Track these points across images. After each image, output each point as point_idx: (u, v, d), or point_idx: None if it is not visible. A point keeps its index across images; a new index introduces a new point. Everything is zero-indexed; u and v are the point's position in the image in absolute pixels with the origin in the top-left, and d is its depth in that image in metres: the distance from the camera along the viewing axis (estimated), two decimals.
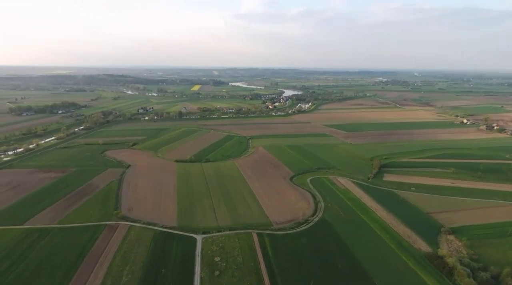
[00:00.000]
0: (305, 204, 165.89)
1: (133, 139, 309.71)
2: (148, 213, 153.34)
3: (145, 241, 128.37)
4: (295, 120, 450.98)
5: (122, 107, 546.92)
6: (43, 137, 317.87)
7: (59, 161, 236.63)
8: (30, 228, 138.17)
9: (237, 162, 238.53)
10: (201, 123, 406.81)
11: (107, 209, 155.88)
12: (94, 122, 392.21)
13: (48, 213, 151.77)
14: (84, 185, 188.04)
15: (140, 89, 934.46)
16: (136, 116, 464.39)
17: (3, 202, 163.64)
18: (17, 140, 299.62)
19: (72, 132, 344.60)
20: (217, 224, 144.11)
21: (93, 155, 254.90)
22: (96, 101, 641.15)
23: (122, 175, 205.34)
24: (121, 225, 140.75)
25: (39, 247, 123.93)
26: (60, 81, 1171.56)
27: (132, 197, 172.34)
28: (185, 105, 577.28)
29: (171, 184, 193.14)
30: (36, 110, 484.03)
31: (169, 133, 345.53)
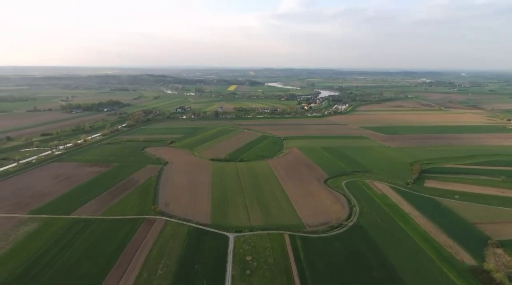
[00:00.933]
0: (339, 207, 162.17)
1: (171, 137, 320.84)
2: (184, 209, 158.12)
3: (180, 236, 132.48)
4: (331, 121, 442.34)
5: (161, 106, 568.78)
6: (90, 133, 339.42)
7: (103, 156, 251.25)
8: (76, 218, 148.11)
9: (271, 163, 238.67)
10: (236, 123, 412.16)
11: (146, 204, 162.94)
12: (135, 120, 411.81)
13: (92, 205, 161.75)
14: (125, 180, 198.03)
15: (179, 89, 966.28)
16: (175, 115, 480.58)
17: (55, 192, 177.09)
18: (67, 136, 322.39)
19: (116, 129, 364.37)
20: (249, 223, 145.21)
21: (134, 151, 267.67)
22: (138, 100, 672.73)
23: (160, 172, 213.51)
24: (158, 220, 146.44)
25: (84, 237, 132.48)
26: (106, 80, 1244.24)
27: (169, 193, 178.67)
28: (221, 104, 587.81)
29: (206, 182, 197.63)
30: (84, 108, 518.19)
31: (205, 132, 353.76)
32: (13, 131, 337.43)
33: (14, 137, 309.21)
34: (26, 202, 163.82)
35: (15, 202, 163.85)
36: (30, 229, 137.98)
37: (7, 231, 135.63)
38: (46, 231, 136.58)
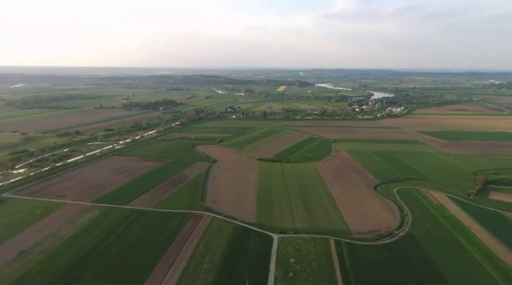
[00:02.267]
0: (390, 216, 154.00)
1: (220, 136, 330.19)
2: (230, 207, 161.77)
3: (225, 233, 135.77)
4: (384, 124, 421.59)
5: (212, 106, 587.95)
6: (146, 130, 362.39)
7: (157, 152, 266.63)
8: (131, 208, 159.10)
9: (318, 165, 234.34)
10: (284, 124, 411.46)
11: (194, 199, 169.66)
12: (188, 119, 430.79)
13: (146, 197, 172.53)
14: (176, 175, 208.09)
15: (229, 89, 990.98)
16: (224, 114, 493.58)
17: (114, 183, 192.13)
18: (126, 132, 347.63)
19: (170, 127, 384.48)
20: (294, 225, 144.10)
21: (185, 148, 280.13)
22: (191, 99, 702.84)
23: (209, 169, 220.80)
24: (205, 216, 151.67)
25: (137, 227, 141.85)
26: (162, 80, 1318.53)
27: (216, 191, 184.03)
28: (270, 105, 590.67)
29: (252, 181, 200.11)
30: (142, 106, 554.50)
31: (253, 132, 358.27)
32: (81, 126, 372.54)
33: (82, 132, 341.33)
34: (90, 192, 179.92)
35: (81, 191, 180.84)
36: (92, 216, 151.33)
37: (74, 216, 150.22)
38: (106, 218, 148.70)
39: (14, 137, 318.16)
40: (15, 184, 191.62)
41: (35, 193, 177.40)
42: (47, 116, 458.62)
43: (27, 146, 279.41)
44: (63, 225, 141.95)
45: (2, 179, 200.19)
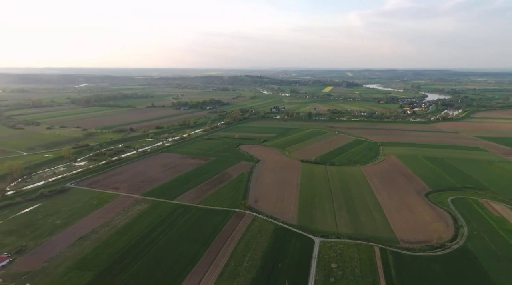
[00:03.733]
0: (442, 226, 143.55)
1: (264, 136, 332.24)
2: (271, 207, 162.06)
3: (266, 233, 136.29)
4: (438, 128, 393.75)
5: (257, 106, 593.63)
6: (193, 129, 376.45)
7: (203, 150, 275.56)
8: (178, 203, 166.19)
9: (364, 169, 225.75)
10: (329, 125, 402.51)
11: (237, 198, 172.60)
12: (233, 118, 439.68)
13: (192, 193, 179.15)
14: (220, 173, 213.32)
15: (275, 90, 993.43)
16: (269, 114, 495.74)
17: (163, 178, 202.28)
18: (175, 130, 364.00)
19: (215, 126, 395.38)
20: (336, 229, 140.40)
21: (230, 147, 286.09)
22: (237, 99, 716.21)
23: (252, 169, 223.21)
24: (247, 215, 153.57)
25: (182, 221, 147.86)
26: (210, 81, 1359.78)
27: (259, 190, 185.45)
28: (315, 106, 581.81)
29: (294, 182, 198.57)
30: (190, 105, 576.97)
31: (297, 133, 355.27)
32: (135, 123, 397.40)
33: (135, 129, 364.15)
34: (141, 185, 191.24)
35: (132, 184, 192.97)
36: (142, 208, 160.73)
37: (126, 207, 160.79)
38: (154, 211, 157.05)
39: (77, 132, 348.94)
40: (76, 175, 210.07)
41: (93, 184, 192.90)
42: (105, 114, 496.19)
43: (88, 141, 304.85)
44: (116, 215, 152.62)
45: (66, 170, 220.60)
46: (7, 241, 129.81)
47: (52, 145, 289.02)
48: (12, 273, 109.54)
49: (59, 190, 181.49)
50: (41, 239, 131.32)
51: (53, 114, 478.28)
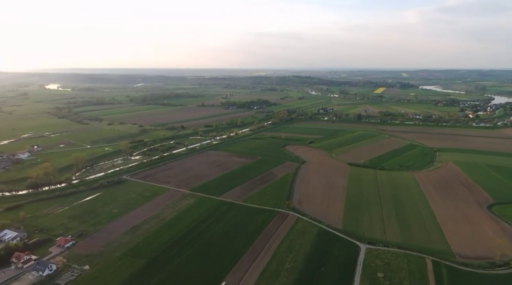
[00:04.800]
0: (507, 242, 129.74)
1: (311, 137, 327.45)
2: (316, 209, 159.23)
3: (310, 235, 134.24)
4: (506, 134, 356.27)
5: (304, 107, 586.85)
6: (240, 128, 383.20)
7: (249, 149, 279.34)
8: (223, 200, 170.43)
9: (418, 175, 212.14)
10: (380, 128, 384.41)
11: (281, 198, 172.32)
12: (280, 118, 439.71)
13: (237, 191, 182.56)
14: (265, 173, 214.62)
15: (323, 90, 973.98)
16: (316, 115, 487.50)
17: (209, 175, 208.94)
18: (223, 128, 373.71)
19: (262, 126, 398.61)
20: (384, 237, 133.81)
21: (276, 147, 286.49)
22: (284, 99, 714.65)
23: (297, 170, 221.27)
24: (290, 215, 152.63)
25: (227, 218, 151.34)
26: (258, 81, 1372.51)
27: (303, 191, 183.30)
28: (366, 107, 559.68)
29: (341, 185, 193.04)
30: (238, 105, 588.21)
31: (346, 135, 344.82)
32: (185, 121, 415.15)
33: (186, 127, 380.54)
34: (189, 181, 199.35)
35: (181, 179, 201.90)
36: (189, 203, 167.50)
37: (174, 201, 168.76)
38: (200, 207, 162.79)
39: (133, 128, 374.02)
40: (132, 168, 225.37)
41: (146, 178, 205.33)
42: (159, 112, 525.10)
43: (143, 137, 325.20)
44: (165, 208, 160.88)
45: (123, 163, 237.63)
46: (71, 225, 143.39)
47: (112, 139, 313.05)
48: (74, 255, 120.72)
49: (116, 181, 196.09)
50: (100, 226, 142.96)
51: (114, 111, 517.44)
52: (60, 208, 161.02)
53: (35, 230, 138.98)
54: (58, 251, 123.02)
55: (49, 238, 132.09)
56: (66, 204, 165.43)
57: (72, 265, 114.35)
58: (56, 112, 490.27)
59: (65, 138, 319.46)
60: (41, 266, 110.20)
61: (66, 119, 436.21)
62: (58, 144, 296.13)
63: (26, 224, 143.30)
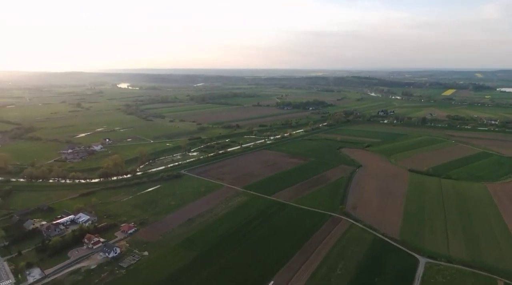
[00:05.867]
0: None
1: (368, 140, 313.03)
2: (371, 216, 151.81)
3: (364, 243, 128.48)
4: None
5: (363, 108, 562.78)
6: (294, 128, 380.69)
7: (303, 150, 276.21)
8: (274, 200, 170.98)
9: (491, 187, 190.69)
10: (448, 133, 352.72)
11: (334, 202, 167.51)
12: (336, 120, 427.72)
13: (288, 192, 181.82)
14: (318, 175, 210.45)
15: (384, 92, 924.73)
16: (375, 118, 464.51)
17: (262, 175, 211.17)
18: (277, 128, 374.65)
19: (317, 127, 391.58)
20: (447, 252, 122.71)
21: (330, 150, 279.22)
22: (341, 101, 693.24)
23: (352, 174, 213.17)
24: (343, 220, 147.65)
25: (278, 217, 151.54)
26: (315, 81, 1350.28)
27: (358, 197, 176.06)
28: (431, 111, 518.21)
29: (400, 193, 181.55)
30: (294, 105, 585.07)
31: (407, 140, 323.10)
32: (241, 121, 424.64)
33: (241, 126, 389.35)
34: (242, 179, 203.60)
35: (235, 177, 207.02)
36: (242, 200, 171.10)
37: (227, 198, 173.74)
38: (252, 205, 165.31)
39: (192, 126, 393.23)
40: (189, 164, 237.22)
41: (202, 173, 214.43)
42: (217, 110, 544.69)
43: (200, 134, 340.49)
44: (219, 203, 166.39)
45: (181, 159, 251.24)
46: (134, 213, 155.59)
47: (172, 136, 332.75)
48: (136, 241, 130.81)
49: (175, 175, 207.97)
50: (159, 216, 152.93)
51: (175, 109, 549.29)
52: (125, 197, 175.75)
53: (104, 215, 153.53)
54: (122, 236, 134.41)
55: (115, 223, 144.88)
56: (130, 194, 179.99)
57: (134, 250, 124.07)
58: (126, 109, 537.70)
59: (132, 133, 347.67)
60: (108, 248, 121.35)
61: (133, 116, 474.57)
62: (126, 138, 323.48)
63: (97, 209, 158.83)
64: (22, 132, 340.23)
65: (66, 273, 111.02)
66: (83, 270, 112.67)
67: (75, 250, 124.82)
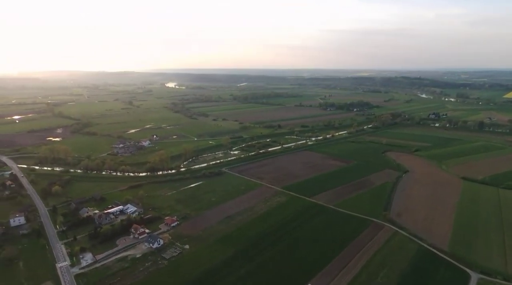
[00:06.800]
0: None
1: (416, 144, 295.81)
2: (417, 225, 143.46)
3: (408, 252, 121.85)
4: None
5: (412, 111, 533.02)
6: (337, 130, 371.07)
7: (345, 152, 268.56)
8: (314, 202, 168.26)
9: None
10: (509, 139, 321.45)
11: (376, 207, 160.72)
12: (381, 122, 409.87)
13: (329, 194, 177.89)
14: (361, 179, 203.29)
15: (436, 93, 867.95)
16: (426, 121, 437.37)
17: (302, 176, 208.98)
18: (319, 130, 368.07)
19: (361, 129, 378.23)
20: (505, 269, 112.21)
21: (375, 153, 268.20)
22: (388, 102, 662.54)
23: (398, 179, 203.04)
24: (386, 227, 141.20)
25: (316, 220, 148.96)
26: (360, 82, 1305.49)
27: (404, 203, 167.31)
28: (490, 114, 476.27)
29: (451, 202, 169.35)
30: (337, 106, 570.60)
31: (461, 145, 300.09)
32: (282, 121, 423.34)
33: (282, 126, 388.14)
34: (282, 179, 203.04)
35: (274, 177, 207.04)
36: (281, 200, 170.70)
37: (267, 197, 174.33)
38: (291, 206, 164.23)
39: (234, 125, 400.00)
40: (230, 162, 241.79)
41: (242, 172, 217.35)
42: (258, 110, 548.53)
43: (242, 133, 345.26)
44: (258, 202, 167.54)
45: (223, 157, 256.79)
46: (177, 207, 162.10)
47: (215, 134, 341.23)
48: (178, 234, 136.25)
49: (216, 173, 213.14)
50: (200, 211, 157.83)
51: (218, 108, 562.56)
52: (169, 191, 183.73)
53: (149, 208, 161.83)
54: (165, 229, 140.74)
55: (159, 216, 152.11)
56: (174, 189, 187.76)
57: (175, 242, 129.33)
58: (172, 107, 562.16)
59: (177, 130, 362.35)
60: (152, 239, 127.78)
61: (179, 114, 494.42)
62: (171, 135, 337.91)
63: (144, 201, 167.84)
64: (81, 127, 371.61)
65: (115, 259, 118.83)
66: (129, 258, 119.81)
67: (122, 239, 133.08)
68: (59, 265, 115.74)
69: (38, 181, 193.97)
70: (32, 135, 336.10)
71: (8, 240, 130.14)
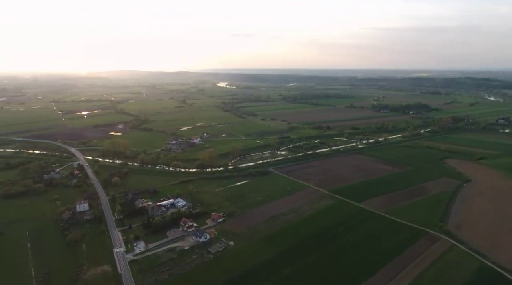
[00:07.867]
0: None
1: (481, 152, 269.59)
2: (479, 239, 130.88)
3: (467, 269, 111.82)
4: None
5: (477, 115, 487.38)
6: (391, 133, 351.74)
7: (398, 157, 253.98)
8: (363, 207, 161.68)
9: None
10: None
11: (432, 218, 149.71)
12: (441, 127, 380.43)
13: (379, 200, 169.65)
14: (415, 186, 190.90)
15: (507, 96, 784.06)
16: (493, 126, 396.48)
17: (351, 179, 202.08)
18: (371, 132, 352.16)
19: (417, 133, 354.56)
20: None
21: (432, 159, 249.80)
22: (449, 105, 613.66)
23: (458, 188, 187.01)
24: (442, 240, 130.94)
25: (365, 226, 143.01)
26: (418, 83, 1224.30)
27: (464, 215, 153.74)
28: None
29: None
30: (391, 108, 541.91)
31: None
32: (332, 122, 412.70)
33: (332, 127, 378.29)
34: (329, 181, 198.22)
35: (322, 179, 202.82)
36: (328, 203, 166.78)
37: (313, 199, 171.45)
38: (338, 210, 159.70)
39: (282, 125, 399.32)
40: (277, 162, 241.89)
41: (288, 172, 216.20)
42: (307, 111, 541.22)
43: (290, 134, 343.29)
44: (304, 204, 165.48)
45: (270, 157, 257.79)
46: (223, 204, 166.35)
47: (263, 133, 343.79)
48: (223, 230, 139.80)
49: (262, 172, 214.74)
50: (245, 209, 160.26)
51: (267, 108, 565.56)
52: (217, 188, 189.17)
53: (198, 203, 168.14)
54: (212, 224, 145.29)
55: (207, 211, 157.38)
56: (222, 186, 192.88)
57: (221, 238, 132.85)
58: (223, 106, 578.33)
59: (227, 129, 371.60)
60: (199, 233, 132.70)
61: (229, 113, 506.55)
62: (221, 134, 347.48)
63: (193, 196, 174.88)
64: (139, 123, 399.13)
65: (164, 249, 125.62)
66: (178, 249, 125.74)
67: (172, 231, 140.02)
68: (116, 250, 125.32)
69: (100, 172, 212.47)
70: (97, 129, 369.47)
71: (74, 224, 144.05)
